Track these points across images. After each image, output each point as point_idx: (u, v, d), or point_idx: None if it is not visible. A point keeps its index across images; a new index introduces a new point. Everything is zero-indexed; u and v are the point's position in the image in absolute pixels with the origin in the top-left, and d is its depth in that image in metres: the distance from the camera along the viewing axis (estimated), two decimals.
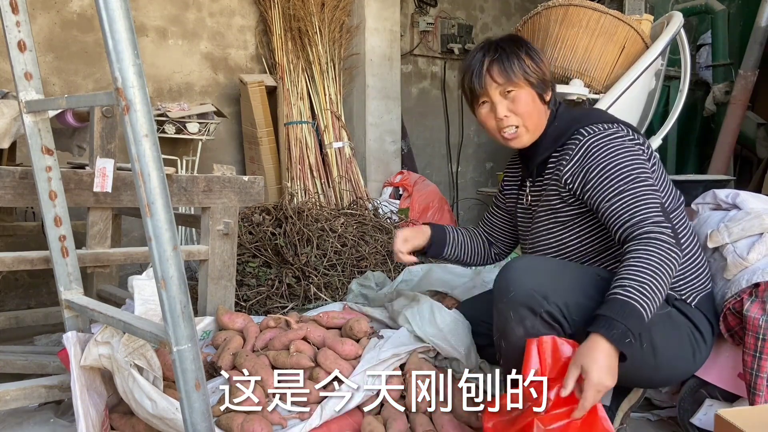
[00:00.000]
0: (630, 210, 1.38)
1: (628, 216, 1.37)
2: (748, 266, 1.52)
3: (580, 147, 1.48)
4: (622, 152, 1.44)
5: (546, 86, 1.54)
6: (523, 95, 1.52)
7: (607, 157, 1.44)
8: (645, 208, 1.37)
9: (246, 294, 2.49)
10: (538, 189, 1.63)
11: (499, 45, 1.54)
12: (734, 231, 1.58)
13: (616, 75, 2.42)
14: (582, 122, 1.53)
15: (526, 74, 1.51)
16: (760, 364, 1.43)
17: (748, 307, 1.46)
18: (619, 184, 1.41)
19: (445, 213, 3.88)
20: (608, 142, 1.46)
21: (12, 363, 1.89)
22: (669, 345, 1.43)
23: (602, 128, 1.49)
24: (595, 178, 1.44)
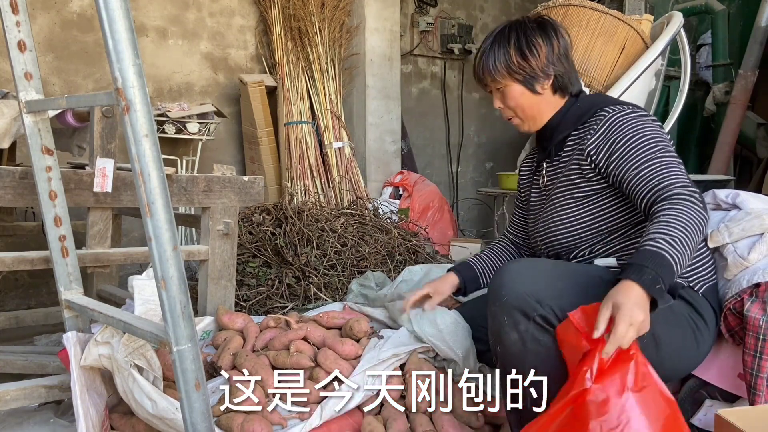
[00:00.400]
0: (658, 176, 1.40)
1: (657, 181, 1.39)
2: (749, 266, 1.52)
3: (605, 121, 1.52)
4: (648, 126, 1.49)
5: (537, 79, 1.56)
6: (511, 91, 1.58)
7: (633, 129, 1.48)
8: (673, 175, 1.40)
9: (246, 294, 2.49)
10: (555, 167, 1.64)
11: (497, 36, 1.58)
12: (734, 231, 1.58)
13: (616, 75, 2.42)
14: (606, 103, 1.57)
15: (511, 71, 1.55)
16: (760, 365, 1.43)
17: (748, 308, 1.46)
18: (646, 153, 1.44)
19: (445, 213, 3.88)
20: (634, 118, 1.50)
21: (12, 363, 1.89)
22: (672, 338, 1.42)
23: (627, 107, 1.53)
24: (622, 148, 1.47)
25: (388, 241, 2.94)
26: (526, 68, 1.55)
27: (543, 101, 1.59)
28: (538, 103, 1.59)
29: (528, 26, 1.57)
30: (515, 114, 1.62)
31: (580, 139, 1.57)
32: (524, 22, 1.59)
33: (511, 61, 1.55)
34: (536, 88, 1.57)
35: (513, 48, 1.55)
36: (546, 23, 1.59)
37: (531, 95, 1.58)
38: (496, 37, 1.59)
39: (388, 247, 2.90)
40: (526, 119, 1.62)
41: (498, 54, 1.56)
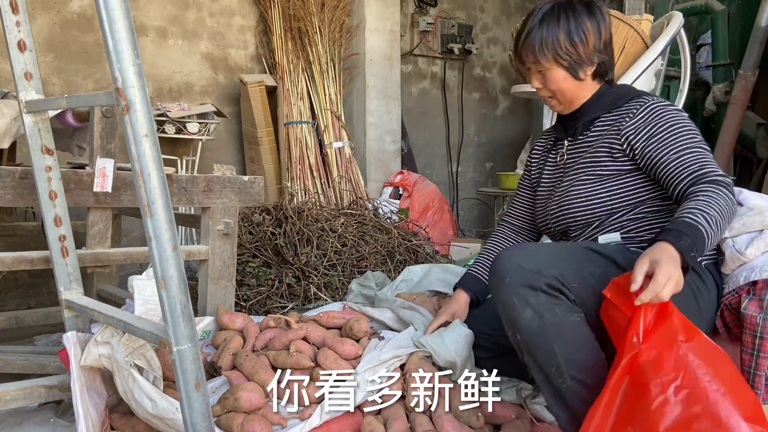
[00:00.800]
0: (697, 163, 1.45)
1: (698, 167, 1.44)
2: (746, 262, 1.51)
3: (646, 107, 1.55)
4: (686, 120, 1.53)
5: (582, 65, 1.56)
6: (554, 74, 1.58)
7: (675, 119, 1.52)
8: (711, 164, 1.45)
9: (246, 294, 2.49)
10: (578, 146, 1.66)
11: (545, 16, 1.55)
12: (735, 226, 1.58)
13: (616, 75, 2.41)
14: (643, 92, 1.62)
15: (558, 57, 1.54)
16: (758, 362, 1.43)
17: (745, 305, 1.46)
18: (686, 141, 1.48)
19: (445, 213, 3.88)
20: (673, 109, 1.54)
21: (12, 363, 1.89)
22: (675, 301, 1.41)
23: (664, 99, 1.58)
24: (663, 133, 1.50)
25: (388, 241, 2.94)
26: (573, 54, 1.54)
27: (583, 86, 1.60)
28: (579, 88, 1.60)
29: (578, 9, 1.54)
30: (554, 96, 1.62)
31: (615, 121, 1.59)
32: (574, 4, 1.55)
33: (560, 46, 1.53)
34: (579, 74, 1.57)
35: (562, 32, 1.53)
36: (593, 5, 1.56)
37: (573, 80, 1.58)
38: (544, 16, 1.55)
39: (388, 247, 2.90)
40: (564, 102, 1.63)
41: (546, 36, 1.53)
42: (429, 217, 3.76)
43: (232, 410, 1.49)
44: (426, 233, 3.42)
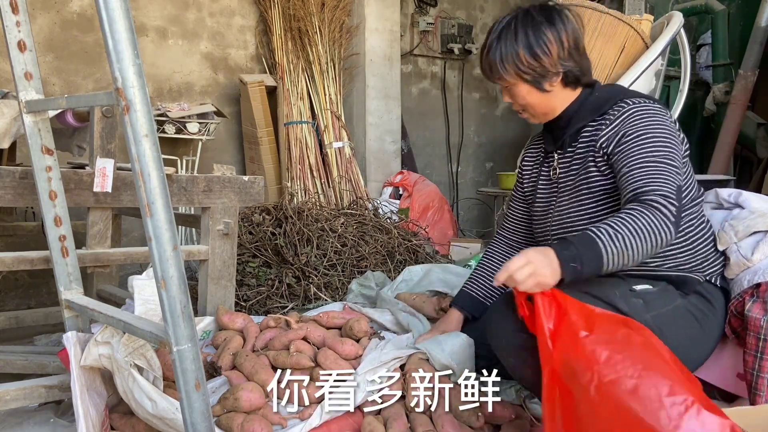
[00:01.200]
0: (645, 179, 1.37)
1: (642, 183, 1.37)
2: (751, 266, 1.51)
3: (622, 114, 1.48)
4: (661, 127, 1.44)
5: (547, 77, 1.50)
6: (518, 90, 1.53)
7: (646, 127, 1.44)
8: (661, 181, 1.36)
9: (246, 294, 2.49)
10: (569, 158, 1.59)
11: (503, 31, 1.50)
12: (740, 229, 1.57)
13: (616, 75, 2.42)
14: (626, 95, 1.53)
15: (520, 72, 1.49)
16: (761, 365, 1.43)
17: (749, 308, 1.46)
18: (647, 154, 1.40)
19: (445, 213, 3.88)
20: (651, 115, 1.46)
21: (12, 363, 1.89)
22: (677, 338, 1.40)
23: (648, 102, 1.49)
24: (628, 142, 1.44)
25: (388, 241, 2.94)
26: (536, 68, 1.48)
27: (553, 97, 1.54)
28: (548, 100, 1.54)
29: (536, 19, 1.49)
30: (525, 110, 1.58)
31: (595, 130, 1.53)
32: (531, 14, 1.50)
33: (520, 61, 1.48)
34: (545, 86, 1.51)
35: (522, 47, 1.47)
36: (552, 12, 1.50)
37: (539, 93, 1.53)
38: (502, 32, 1.50)
39: (388, 247, 2.90)
40: (537, 115, 1.59)
41: (505, 52, 1.48)
42: (429, 217, 3.76)
43: (232, 410, 1.49)
44: (426, 233, 3.42)
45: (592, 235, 1.28)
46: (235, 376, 1.63)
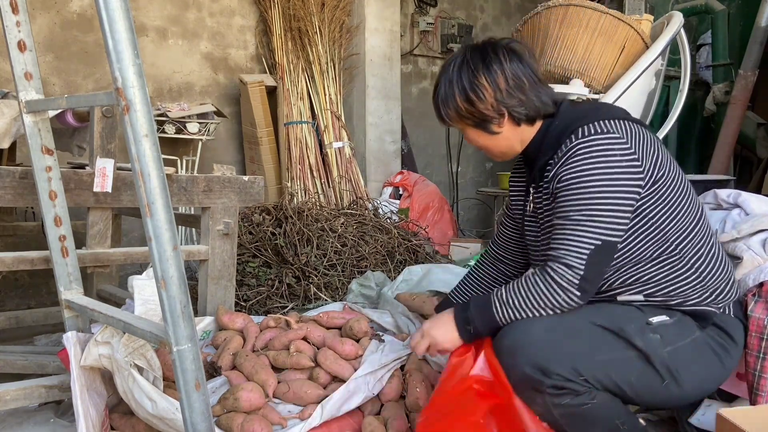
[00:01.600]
0: (558, 239, 1.34)
1: (555, 245, 1.34)
2: (763, 264, 1.50)
3: (565, 152, 1.37)
4: (602, 167, 1.33)
5: (490, 121, 1.44)
6: (468, 133, 1.51)
7: (581, 170, 1.34)
8: (572, 244, 1.31)
9: (246, 294, 2.49)
10: (540, 195, 1.50)
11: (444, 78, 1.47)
12: (743, 228, 1.57)
13: (616, 75, 2.42)
14: (580, 121, 1.41)
15: (461, 117, 1.46)
16: (763, 365, 1.43)
17: (752, 308, 1.45)
18: (570, 206, 1.34)
19: (445, 213, 3.88)
20: (594, 152, 1.34)
21: (12, 363, 1.89)
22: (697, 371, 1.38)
23: (601, 129, 1.36)
24: (559, 190, 1.37)
25: (388, 241, 2.94)
26: (474, 113, 1.43)
27: (504, 138, 1.48)
28: (500, 141, 1.48)
29: (470, 63, 1.43)
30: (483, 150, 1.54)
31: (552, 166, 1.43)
32: (467, 58, 1.44)
33: (458, 107, 1.44)
34: (491, 128, 1.45)
35: (458, 92, 1.43)
36: (488, 53, 1.43)
37: (489, 136, 1.47)
38: (442, 77, 1.47)
39: (388, 247, 2.90)
40: (495, 156, 1.54)
41: (446, 98, 1.46)
42: (429, 217, 3.76)
43: (232, 410, 1.49)
44: (426, 233, 3.43)
45: (489, 302, 1.38)
46: (235, 376, 1.63)
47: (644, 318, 1.38)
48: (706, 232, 1.45)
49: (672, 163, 1.43)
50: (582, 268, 1.30)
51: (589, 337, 1.34)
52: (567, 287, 1.31)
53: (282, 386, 1.59)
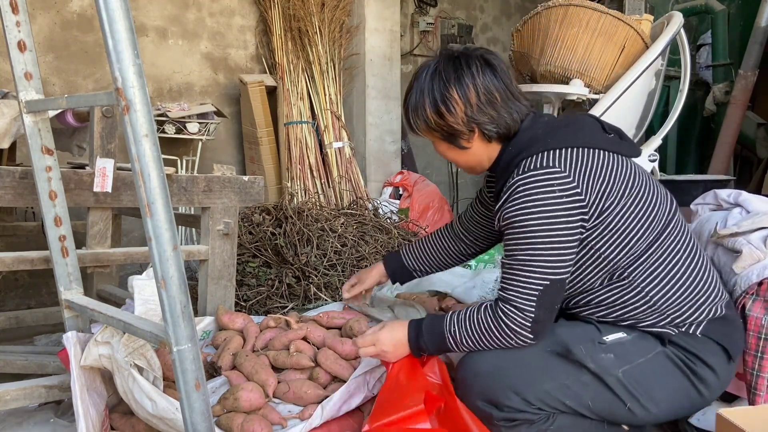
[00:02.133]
0: (507, 280, 1.33)
1: (504, 284, 1.34)
2: (763, 259, 1.49)
3: (509, 187, 1.34)
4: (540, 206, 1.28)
5: (459, 136, 1.41)
6: (438, 145, 1.48)
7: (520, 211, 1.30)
8: (520, 286, 1.30)
9: (246, 294, 2.49)
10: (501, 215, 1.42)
11: (415, 87, 1.43)
12: (744, 225, 1.56)
13: (616, 75, 2.42)
14: (532, 147, 1.36)
15: (430, 128, 1.43)
16: (761, 364, 1.43)
17: (750, 307, 1.45)
18: (515, 246, 1.32)
19: (445, 213, 3.88)
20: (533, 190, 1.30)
21: (12, 363, 1.89)
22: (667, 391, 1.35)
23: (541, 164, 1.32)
24: (505, 228, 1.35)
25: (388, 241, 2.94)
26: (443, 126, 1.40)
27: (473, 154, 1.44)
28: (471, 156, 1.45)
29: (442, 75, 1.39)
30: (453, 162, 1.51)
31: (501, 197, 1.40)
32: (440, 69, 1.40)
33: (428, 118, 1.41)
34: (461, 143, 1.42)
35: (429, 103, 1.40)
36: (461, 66, 1.38)
37: (458, 150, 1.44)
38: (414, 84, 1.44)
39: (388, 247, 2.90)
40: (464, 170, 1.52)
41: (416, 107, 1.42)
42: (429, 217, 3.76)
43: (232, 410, 1.49)
44: (426, 233, 3.42)
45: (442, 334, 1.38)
46: (235, 376, 1.63)
47: (599, 337, 1.36)
48: (668, 252, 1.37)
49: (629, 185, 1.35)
50: (532, 310, 1.29)
51: (540, 365, 1.34)
52: (519, 331, 1.31)
53: (282, 386, 1.59)
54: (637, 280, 1.35)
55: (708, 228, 1.68)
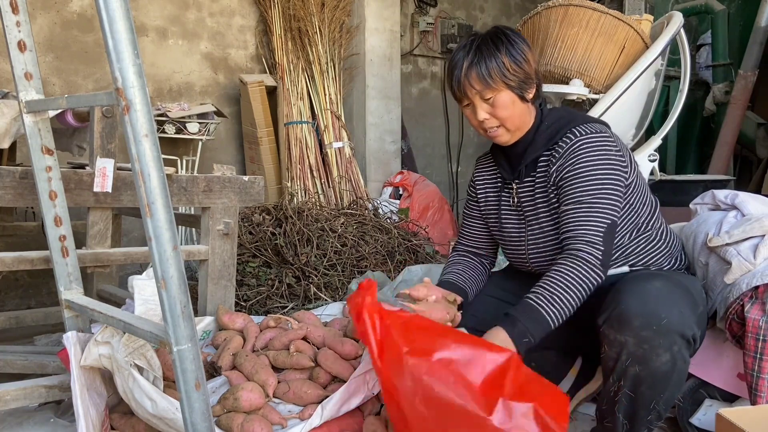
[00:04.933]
0: (576, 221, 1.48)
1: (572, 227, 1.48)
2: (752, 269, 1.52)
3: (570, 146, 1.53)
4: (603, 159, 1.51)
5: (528, 85, 1.56)
6: (502, 99, 1.54)
7: (587, 162, 1.51)
8: (589, 224, 1.47)
9: (246, 294, 2.49)
10: (529, 188, 1.64)
11: (479, 46, 1.54)
12: (734, 233, 1.58)
13: (616, 75, 2.42)
14: (575, 121, 1.58)
15: (505, 78, 1.52)
16: (761, 366, 1.43)
17: (748, 309, 1.46)
18: (581, 192, 1.49)
19: (445, 213, 3.88)
20: (595, 147, 1.52)
21: (12, 363, 1.89)
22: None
23: (594, 129, 1.55)
24: (568, 180, 1.52)
25: (388, 241, 2.94)
26: (518, 73, 1.53)
27: (528, 110, 1.59)
28: (525, 113, 1.59)
29: (509, 33, 1.56)
30: (502, 124, 1.57)
31: (549, 160, 1.58)
32: (503, 31, 1.57)
33: (506, 68, 1.52)
34: (526, 95, 1.56)
35: (505, 55, 1.52)
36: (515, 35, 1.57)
37: (521, 103, 1.56)
38: (480, 46, 1.54)
39: (388, 247, 2.90)
40: (512, 129, 1.59)
41: (489, 62, 1.52)
42: (429, 217, 3.76)
43: (232, 410, 1.49)
44: (426, 233, 3.43)
45: (530, 302, 1.41)
46: (235, 376, 1.63)
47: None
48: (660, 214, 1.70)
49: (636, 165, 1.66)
50: (601, 244, 1.45)
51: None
52: (593, 264, 1.43)
53: (282, 386, 1.59)
54: (656, 228, 1.64)
55: (704, 230, 1.69)
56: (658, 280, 1.41)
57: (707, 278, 1.64)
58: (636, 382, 1.37)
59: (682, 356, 1.36)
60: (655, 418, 1.41)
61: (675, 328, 1.33)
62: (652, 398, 1.37)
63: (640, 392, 1.38)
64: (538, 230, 1.63)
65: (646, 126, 2.72)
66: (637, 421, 1.41)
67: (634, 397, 1.38)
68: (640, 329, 1.34)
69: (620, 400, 1.40)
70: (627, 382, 1.38)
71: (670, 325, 1.33)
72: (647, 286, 1.38)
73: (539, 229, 1.62)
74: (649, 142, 2.63)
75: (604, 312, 1.41)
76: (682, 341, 1.34)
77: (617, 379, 1.40)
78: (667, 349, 1.34)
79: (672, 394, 1.39)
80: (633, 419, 1.41)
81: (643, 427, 1.42)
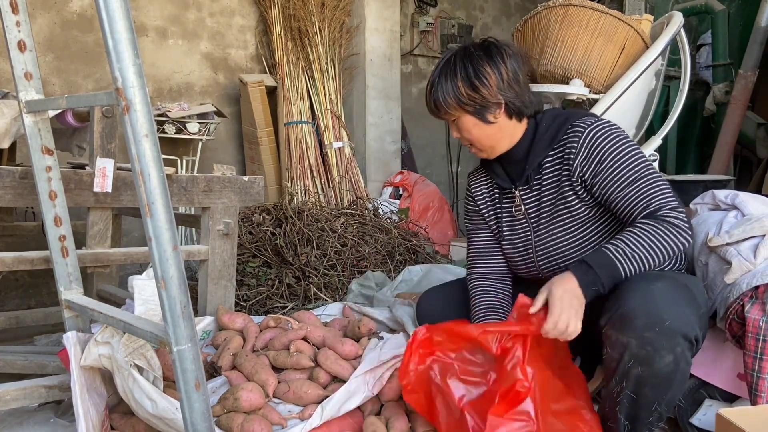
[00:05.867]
0: (646, 197, 1.45)
1: (645, 203, 1.44)
2: (752, 269, 1.51)
3: (584, 137, 1.52)
4: (625, 140, 1.51)
5: (488, 109, 1.53)
6: (463, 123, 1.56)
7: (615, 145, 1.49)
8: (661, 193, 1.44)
9: (246, 294, 2.49)
10: (537, 192, 1.61)
11: (443, 69, 1.54)
12: (735, 233, 1.58)
13: (616, 75, 2.42)
14: (572, 117, 1.57)
15: (461, 103, 1.52)
16: (761, 366, 1.43)
17: (748, 309, 1.46)
18: (631, 172, 1.47)
19: (445, 213, 3.88)
20: (609, 132, 1.51)
21: (12, 363, 1.88)
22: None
23: (598, 119, 1.55)
24: (607, 166, 1.49)
25: (388, 241, 2.94)
26: (476, 99, 1.51)
27: (497, 129, 1.56)
28: (494, 133, 1.56)
29: (474, 54, 1.53)
30: (472, 144, 1.59)
31: (562, 159, 1.55)
32: (470, 50, 1.54)
33: (461, 93, 1.51)
34: (488, 117, 1.54)
35: (461, 79, 1.51)
36: (491, 48, 1.54)
37: (484, 125, 1.55)
38: (442, 68, 1.55)
39: (388, 247, 2.90)
40: (484, 149, 1.60)
41: (446, 86, 1.52)
42: (429, 217, 3.76)
43: (232, 410, 1.49)
44: (426, 233, 3.43)
45: (607, 253, 1.38)
46: (235, 376, 1.63)
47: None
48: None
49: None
50: (683, 209, 1.43)
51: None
52: (685, 227, 1.41)
53: (282, 386, 1.59)
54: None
55: (704, 230, 1.69)
56: (661, 281, 1.38)
57: (707, 278, 1.64)
58: (638, 384, 1.36)
59: (685, 357, 1.34)
60: (657, 419, 1.40)
61: (678, 330, 1.31)
62: (654, 399, 1.36)
63: (643, 393, 1.37)
64: (545, 233, 1.60)
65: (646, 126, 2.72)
66: (638, 422, 1.40)
67: (636, 399, 1.37)
68: (643, 330, 1.32)
69: (622, 401, 1.39)
70: (629, 383, 1.37)
71: (674, 326, 1.31)
72: (650, 287, 1.36)
73: (547, 232, 1.60)
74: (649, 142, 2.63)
75: (606, 313, 1.38)
76: (685, 342, 1.33)
77: (620, 380, 1.38)
78: (670, 350, 1.32)
79: (674, 396, 1.38)
80: (635, 420, 1.40)
81: (644, 428, 1.41)
